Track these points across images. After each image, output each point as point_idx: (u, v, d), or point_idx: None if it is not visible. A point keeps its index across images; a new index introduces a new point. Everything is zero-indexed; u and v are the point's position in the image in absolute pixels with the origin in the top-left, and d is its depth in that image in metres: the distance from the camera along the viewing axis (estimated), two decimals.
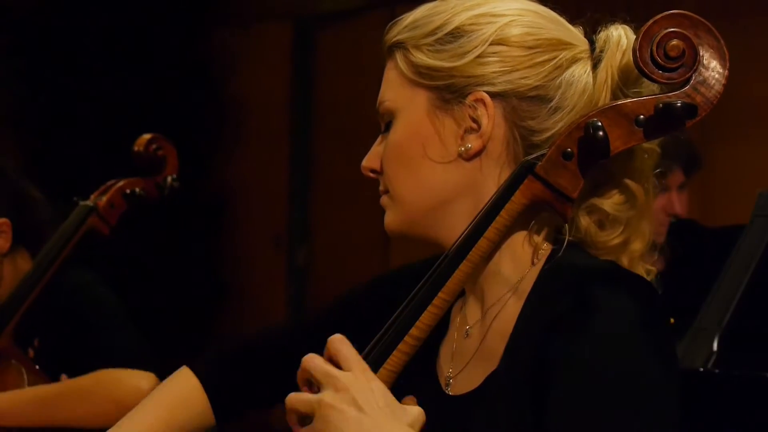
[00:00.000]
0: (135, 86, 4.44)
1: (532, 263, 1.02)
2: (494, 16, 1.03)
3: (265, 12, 4.80)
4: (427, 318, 0.96)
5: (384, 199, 1.09)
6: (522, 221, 1.00)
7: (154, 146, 2.28)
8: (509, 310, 1.02)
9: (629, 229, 1.02)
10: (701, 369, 1.57)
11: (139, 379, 1.92)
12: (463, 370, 1.05)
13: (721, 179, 3.41)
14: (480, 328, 1.05)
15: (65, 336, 2.06)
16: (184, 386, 1.23)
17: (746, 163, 3.41)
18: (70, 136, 4.42)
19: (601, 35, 1.03)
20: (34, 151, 4.23)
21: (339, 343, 0.94)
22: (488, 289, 1.04)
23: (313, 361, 0.94)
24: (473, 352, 1.04)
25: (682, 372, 1.01)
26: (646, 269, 1.05)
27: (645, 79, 0.96)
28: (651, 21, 0.92)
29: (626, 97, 0.98)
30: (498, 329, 1.02)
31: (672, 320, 1.20)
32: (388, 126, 1.08)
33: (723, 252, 1.86)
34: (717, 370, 1.70)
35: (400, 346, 0.95)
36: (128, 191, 2.27)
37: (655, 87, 0.97)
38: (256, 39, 4.83)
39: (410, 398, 0.97)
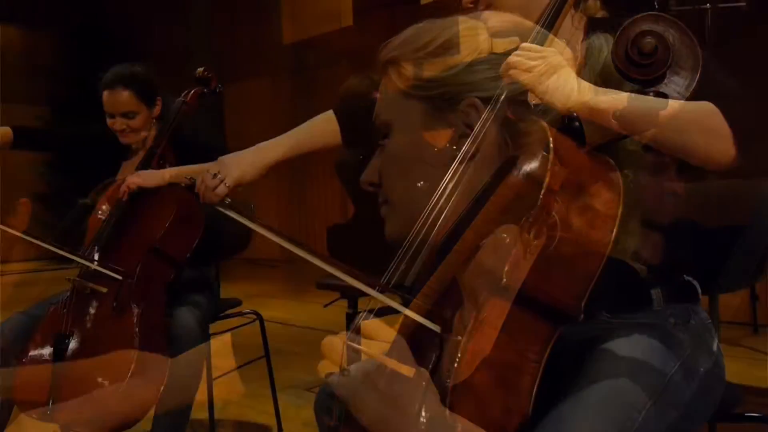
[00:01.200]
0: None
1: (524, 258, 1.03)
2: (482, 28, 1.07)
3: (266, 12, 4.81)
4: (416, 304, 0.99)
5: (383, 209, 1.13)
6: (513, 216, 1.01)
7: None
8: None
9: (619, 227, 1.03)
10: (701, 369, 1.57)
11: None
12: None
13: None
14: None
15: None
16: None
17: None
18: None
19: (583, 44, 1.06)
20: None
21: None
22: (479, 286, 1.05)
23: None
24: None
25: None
26: (639, 268, 1.06)
27: (626, 82, 0.98)
28: (627, 22, 0.94)
29: None
30: None
31: (672, 321, 1.20)
32: (384, 139, 1.12)
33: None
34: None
35: None
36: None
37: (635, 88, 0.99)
38: (255, 41, 4.84)
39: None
